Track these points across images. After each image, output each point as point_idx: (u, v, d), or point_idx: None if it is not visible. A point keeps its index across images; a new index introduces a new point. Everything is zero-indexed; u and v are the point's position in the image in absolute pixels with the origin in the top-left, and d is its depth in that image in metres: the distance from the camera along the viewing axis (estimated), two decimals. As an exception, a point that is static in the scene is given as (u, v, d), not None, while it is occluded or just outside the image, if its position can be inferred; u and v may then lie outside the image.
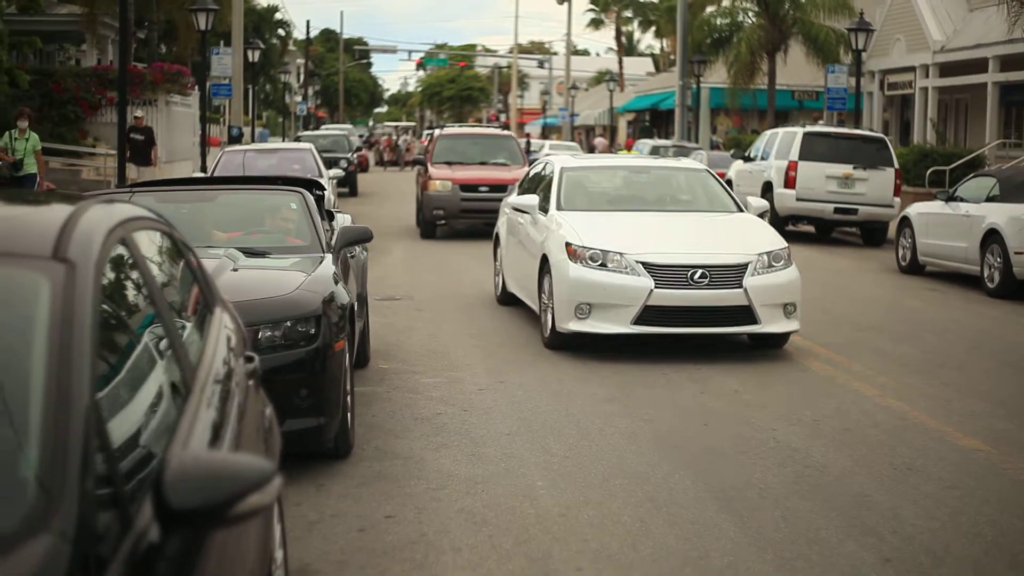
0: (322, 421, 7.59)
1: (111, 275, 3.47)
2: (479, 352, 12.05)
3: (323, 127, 66.08)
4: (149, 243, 4.19)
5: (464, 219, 24.59)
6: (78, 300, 3.03)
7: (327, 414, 7.61)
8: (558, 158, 14.80)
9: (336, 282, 8.33)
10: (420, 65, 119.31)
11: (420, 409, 9.53)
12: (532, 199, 13.55)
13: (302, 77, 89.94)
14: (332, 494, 7.30)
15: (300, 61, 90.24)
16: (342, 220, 11.13)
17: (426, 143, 36.37)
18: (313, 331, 7.61)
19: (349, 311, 8.29)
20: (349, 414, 8.19)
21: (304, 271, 8.28)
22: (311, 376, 7.55)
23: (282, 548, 5.14)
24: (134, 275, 3.69)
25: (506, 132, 32.16)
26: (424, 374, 10.90)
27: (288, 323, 7.56)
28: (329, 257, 8.93)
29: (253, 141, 43.06)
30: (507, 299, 14.83)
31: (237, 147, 26.18)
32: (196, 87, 36.19)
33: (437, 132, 29.29)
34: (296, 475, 7.55)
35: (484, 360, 11.62)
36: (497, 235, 15.47)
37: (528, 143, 67.39)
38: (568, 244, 11.99)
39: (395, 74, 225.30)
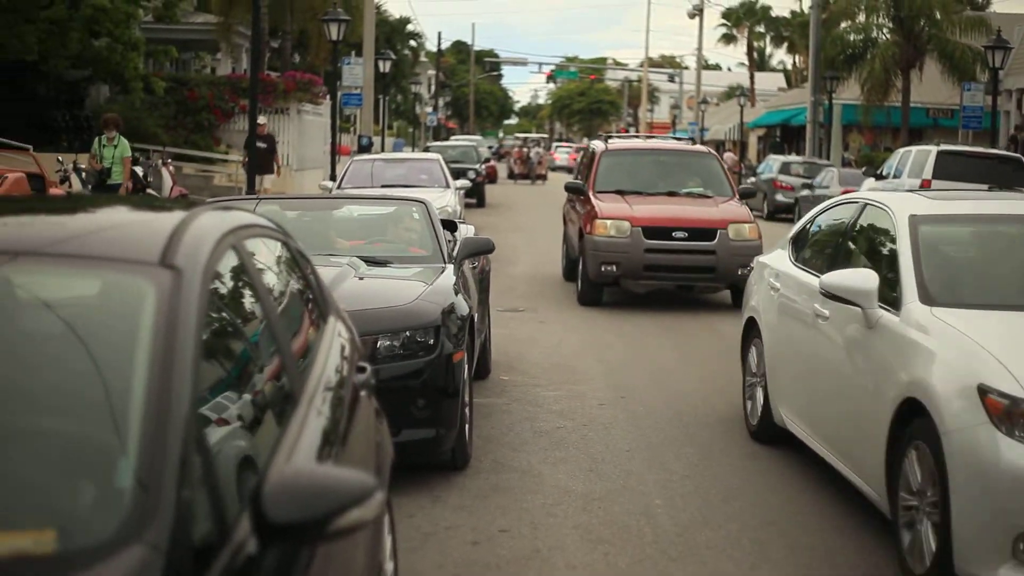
0: (439, 432, 7.53)
1: (220, 282, 3.43)
2: (601, 366, 11.92)
3: (452, 138, 66.46)
4: (262, 251, 4.16)
5: (649, 279, 16.12)
6: (183, 307, 2.98)
7: (444, 425, 7.55)
8: (891, 198, 7.98)
9: (456, 293, 8.28)
10: (550, 78, 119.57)
11: (539, 422, 9.44)
12: (865, 279, 6.97)
13: (433, 88, 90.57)
14: (447, 506, 7.24)
15: (431, 72, 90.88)
16: (465, 231, 11.08)
17: (576, 159, 31.62)
18: (432, 341, 7.56)
19: (469, 322, 8.23)
20: (467, 426, 8.13)
21: (425, 281, 8.25)
22: (429, 387, 7.50)
23: (392, 560, 5.08)
24: (244, 283, 3.65)
25: (701, 147, 21.04)
26: (545, 387, 10.81)
27: (407, 333, 7.52)
28: (451, 268, 8.88)
29: (388, 151, 43.46)
30: (769, 434, 8.83)
31: (366, 156, 26.39)
32: (327, 96, 36.57)
33: (598, 145, 19.00)
34: (411, 486, 7.50)
35: (606, 375, 11.49)
36: (753, 322, 9.27)
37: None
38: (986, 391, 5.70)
39: (525, 86, 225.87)
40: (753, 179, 40.82)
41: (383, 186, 21.21)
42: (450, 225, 10.89)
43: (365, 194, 14.96)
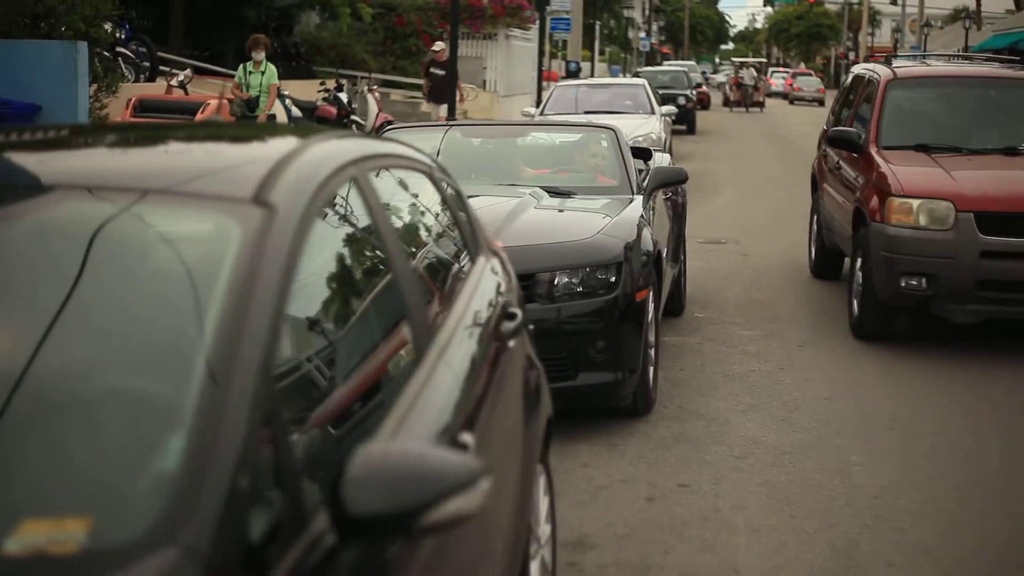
0: (619, 376, 7.05)
1: (331, 221, 3.00)
2: (804, 304, 11.25)
3: (664, 63, 65.34)
4: (396, 184, 3.72)
5: (985, 303, 9.37)
6: (271, 252, 2.56)
7: (625, 368, 7.07)
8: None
9: (642, 227, 7.75)
10: (768, 1, 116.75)
11: (732, 364, 8.87)
12: None
13: (647, 12, 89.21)
14: (625, 456, 6.76)
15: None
16: (659, 160, 10.50)
17: (791, 84, 30.59)
18: (613, 279, 7.06)
19: (655, 258, 7.70)
20: (652, 368, 7.63)
21: (608, 214, 7.74)
22: (608, 327, 7.01)
23: (550, 522, 4.63)
24: (363, 222, 3.21)
25: None
26: (741, 325, 10.21)
27: (586, 269, 7.03)
28: (639, 199, 8.35)
29: (600, 76, 42.83)
30: None
31: (570, 82, 25.86)
32: (536, 21, 36.10)
33: (877, 72, 11.65)
34: (588, 433, 7.06)
35: (808, 313, 10.83)
36: None
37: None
38: None
39: (742, 10, 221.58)
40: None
41: (586, 112, 20.72)
42: (643, 153, 10.34)
43: (552, 120, 14.49)
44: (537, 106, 25.72)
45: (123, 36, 21.21)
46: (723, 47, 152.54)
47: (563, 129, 10.00)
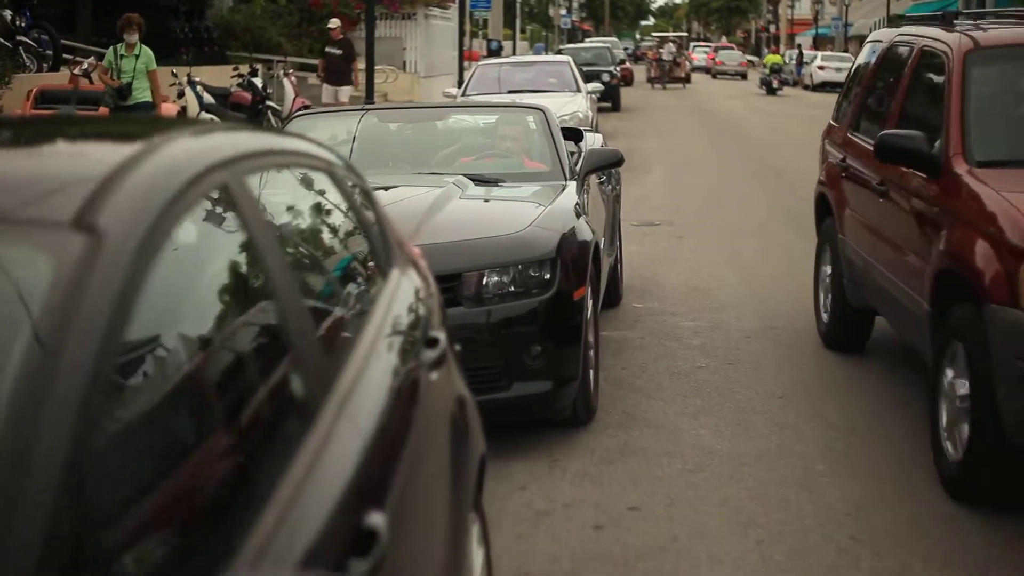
0: (557, 384, 6.36)
1: (188, 243, 2.28)
2: (747, 289, 10.63)
3: (587, 40, 64.70)
4: (286, 188, 3.00)
5: None
6: (93, 294, 1.85)
7: (563, 376, 6.38)
8: None
9: (578, 215, 7.06)
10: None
11: (677, 360, 8.22)
12: None
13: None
14: (567, 473, 6.08)
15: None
16: (592, 140, 9.81)
17: (713, 58, 29.45)
18: (548, 276, 6.36)
19: (594, 250, 7.01)
20: (592, 372, 6.95)
21: (540, 203, 7.04)
22: (545, 330, 6.31)
23: (482, 546, 3.93)
24: (236, 239, 2.49)
25: None
26: (684, 315, 9.57)
27: (518, 267, 6.33)
28: (572, 185, 7.66)
29: (522, 54, 42.05)
30: None
31: (492, 61, 25.14)
32: (456, 0, 35.31)
33: (946, 42, 7.06)
34: (524, 448, 6.37)
35: (753, 299, 10.20)
36: None
37: (800, 55, 64.74)
38: None
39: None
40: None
41: (510, 91, 20.05)
42: (574, 134, 9.65)
43: (474, 101, 13.80)
44: (459, 87, 24.98)
45: (23, 24, 20.22)
46: (644, 23, 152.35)
47: (487, 110, 9.28)
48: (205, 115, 21.30)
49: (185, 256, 2.29)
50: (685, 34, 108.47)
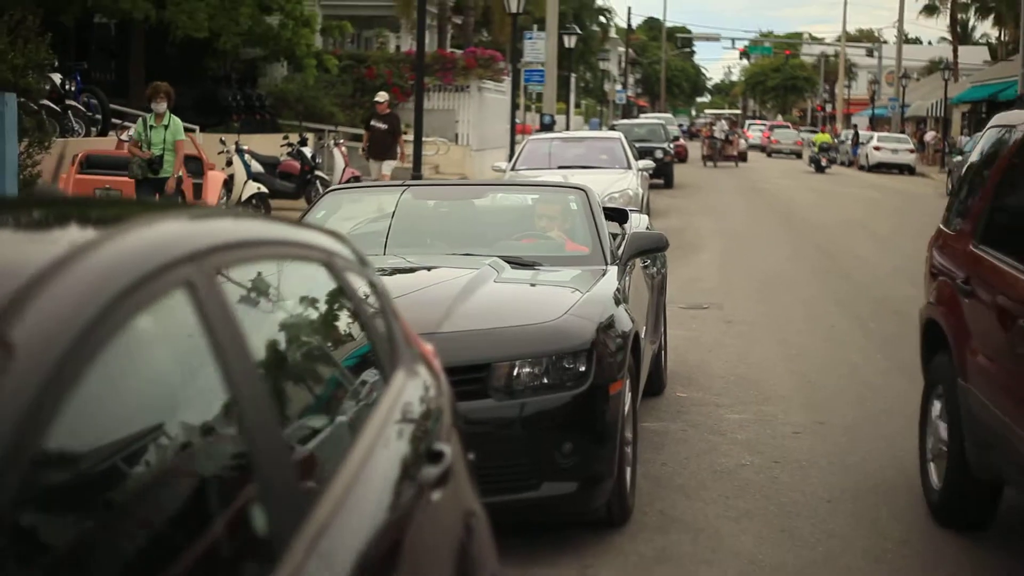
0: (589, 484, 5.96)
1: (136, 355, 1.95)
2: (796, 380, 10.21)
3: (641, 116, 64.63)
4: (268, 284, 2.66)
5: None
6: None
7: (596, 476, 5.98)
8: None
9: (618, 303, 6.70)
10: (744, 54, 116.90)
11: (720, 457, 7.81)
12: None
13: (623, 64, 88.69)
14: (598, 581, 5.68)
15: (621, 49, 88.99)
16: (637, 222, 9.47)
17: (769, 136, 28.76)
18: (583, 368, 5.98)
19: (633, 340, 6.64)
20: (629, 469, 6.55)
21: (578, 289, 6.68)
22: (578, 427, 5.93)
23: None
24: (193, 347, 2.16)
25: None
26: (729, 407, 9.16)
27: (552, 358, 5.96)
28: (613, 271, 7.31)
29: (576, 129, 41.93)
30: None
31: (543, 135, 24.90)
32: (510, 73, 35.25)
33: None
34: (552, 551, 5.98)
35: (801, 391, 9.78)
36: None
37: (856, 135, 64.32)
38: None
39: (718, 63, 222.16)
40: (959, 158, 38.23)
41: (560, 167, 19.82)
42: (619, 215, 9.32)
43: (515, 180, 13.52)
44: (510, 160, 24.77)
45: (74, 88, 20.19)
46: (700, 99, 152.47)
47: (528, 189, 8.96)
48: (252, 184, 21.17)
49: (128, 368, 1.96)
50: (739, 111, 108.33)
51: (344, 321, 3.04)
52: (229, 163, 21.76)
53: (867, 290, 15.66)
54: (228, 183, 20.83)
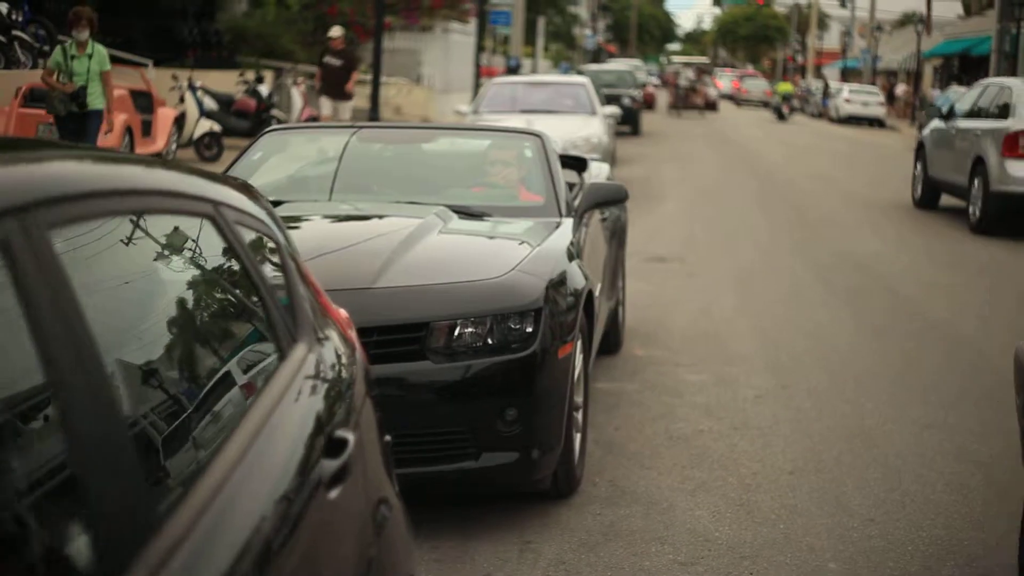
0: (534, 455, 5.50)
1: None
2: (759, 339, 9.79)
3: (609, 62, 63.92)
4: (123, 243, 2.19)
5: None
6: None
7: (541, 444, 5.53)
8: None
9: (571, 258, 6.24)
10: (716, 2, 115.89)
11: (677, 422, 7.38)
12: None
13: (593, 10, 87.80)
14: (540, 559, 5.24)
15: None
16: (597, 171, 8.99)
17: (739, 86, 28.93)
18: (530, 330, 5.51)
19: (586, 298, 6.18)
20: (579, 436, 6.11)
21: (529, 242, 6.20)
22: (522, 393, 5.47)
23: None
24: (25, 321, 1.69)
25: None
26: (688, 367, 8.73)
27: (496, 317, 5.49)
28: (568, 223, 6.84)
29: (541, 73, 41.27)
30: None
31: (506, 79, 24.33)
32: (476, 14, 34.57)
33: None
34: (491, 525, 5.54)
35: (765, 350, 9.36)
36: None
37: (827, 86, 63.89)
38: None
39: (690, 11, 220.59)
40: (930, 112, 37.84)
41: (523, 111, 19.32)
42: (578, 163, 8.85)
43: (466, 124, 13.02)
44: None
45: (20, 19, 19.47)
46: (670, 46, 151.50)
47: (480, 134, 8.45)
48: (205, 122, 20.60)
49: None
50: (706, 60, 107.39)
51: (227, 288, 2.56)
52: (182, 99, 21.16)
53: (833, 244, 15.26)
54: (180, 120, 20.24)
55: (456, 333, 5.41)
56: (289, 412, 2.49)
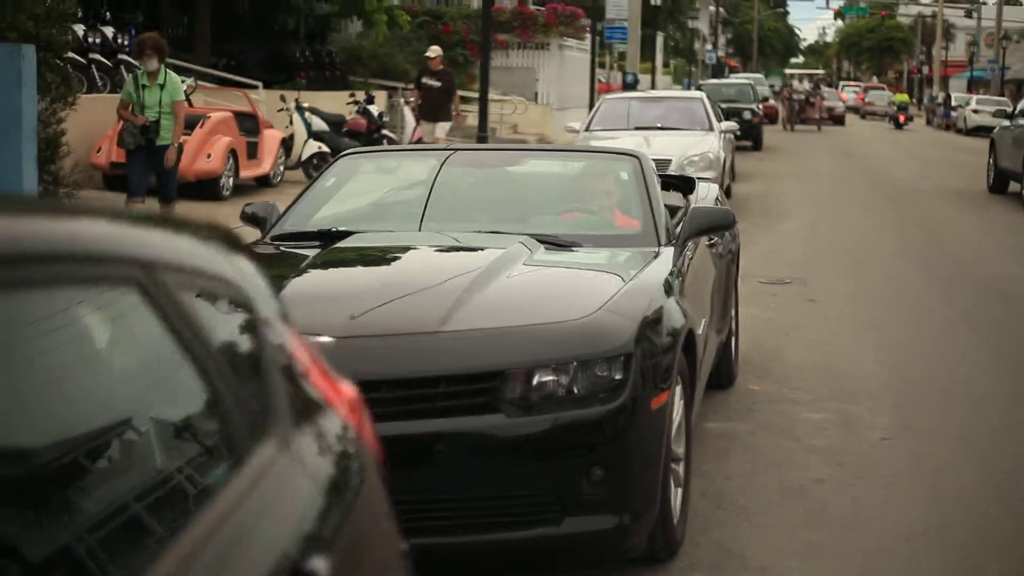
0: (625, 520, 4.85)
1: None
2: (886, 372, 9.00)
3: (730, 76, 62.94)
4: (14, 323, 1.61)
5: None
6: None
7: (633, 508, 4.87)
8: None
9: (669, 293, 5.57)
10: (839, 14, 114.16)
11: (792, 470, 6.67)
12: None
13: (714, 24, 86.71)
14: (631, 642, 4.60)
15: (712, 8, 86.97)
16: (704, 193, 8.28)
17: (863, 99, 29.34)
18: (619, 377, 4.86)
19: (686, 340, 5.51)
20: (680, 490, 5.45)
21: (620, 276, 5.55)
22: (610, 450, 4.82)
23: None
24: None
25: None
26: (806, 405, 8.00)
27: (580, 364, 4.84)
28: (668, 253, 6.17)
29: (660, 88, 40.56)
30: None
31: (620, 95, 23.68)
32: (591, 31, 34.01)
33: None
34: (578, 603, 4.89)
35: (891, 387, 8.58)
36: None
37: (948, 97, 62.26)
38: None
39: (812, 24, 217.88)
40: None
41: (637, 128, 18.72)
42: (684, 184, 8.19)
43: (558, 146, 12.39)
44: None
45: (127, 42, 19.31)
46: (792, 60, 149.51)
47: (572, 156, 7.83)
48: (313, 143, 20.28)
49: None
50: (821, 71, 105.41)
51: (155, 379, 1.95)
52: (291, 121, 20.88)
53: (968, 268, 14.32)
54: (288, 142, 19.95)
55: (534, 382, 4.77)
56: (233, 543, 1.87)
